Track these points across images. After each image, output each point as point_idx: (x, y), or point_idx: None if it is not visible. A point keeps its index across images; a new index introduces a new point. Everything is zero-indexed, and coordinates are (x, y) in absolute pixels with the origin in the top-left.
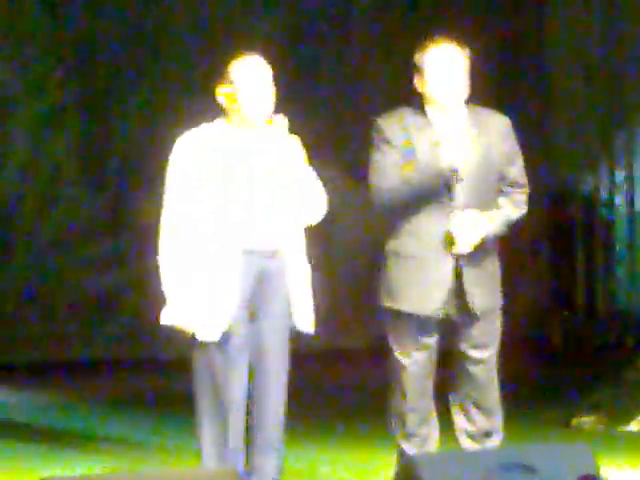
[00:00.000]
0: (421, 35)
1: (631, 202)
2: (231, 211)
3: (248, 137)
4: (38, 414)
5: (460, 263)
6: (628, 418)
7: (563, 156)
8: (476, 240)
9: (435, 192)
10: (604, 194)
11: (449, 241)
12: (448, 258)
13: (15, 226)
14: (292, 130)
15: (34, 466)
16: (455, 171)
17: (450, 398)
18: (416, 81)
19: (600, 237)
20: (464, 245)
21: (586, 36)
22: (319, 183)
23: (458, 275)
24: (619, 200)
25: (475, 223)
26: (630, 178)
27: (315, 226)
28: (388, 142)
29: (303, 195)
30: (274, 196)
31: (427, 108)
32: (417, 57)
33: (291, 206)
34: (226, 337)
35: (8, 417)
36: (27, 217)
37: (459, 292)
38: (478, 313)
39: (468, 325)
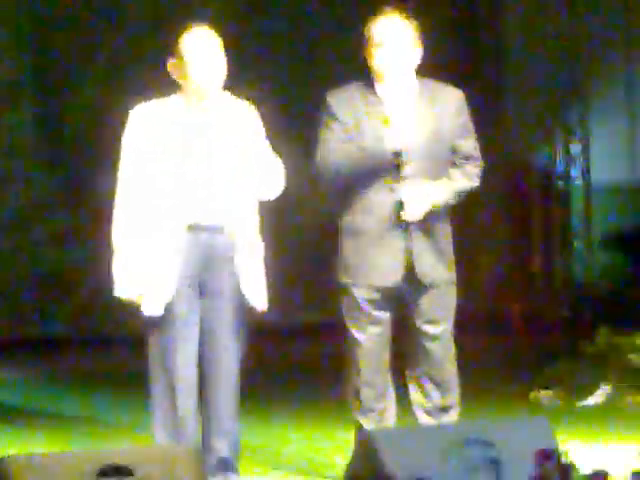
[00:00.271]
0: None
1: (587, 174)
2: (176, 185)
3: (200, 109)
4: None
5: (411, 236)
6: (586, 392)
7: (519, 129)
8: (425, 208)
9: (379, 170)
10: (560, 166)
11: (399, 210)
12: (399, 231)
13: None
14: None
15: None
16: (398, 155)
17: (407, 373)
18: (366, 54)
19: (556, 210)
20: (414, 213)
21: (542, 10)
22: (276, 157)
23: (409, 248)
24: (575, 172)
25: (424, 191)
26: (586, 150)
27: (271, 202)
28: (335, 118)
29: (259, 169)
30: (223, 170)
31: (377, 84)
32: (366, 29)
33: (244, 180)
34: (169, 311)
35: None
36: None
37: (410, 264)
38: (427, 284)
39: (420, 298)
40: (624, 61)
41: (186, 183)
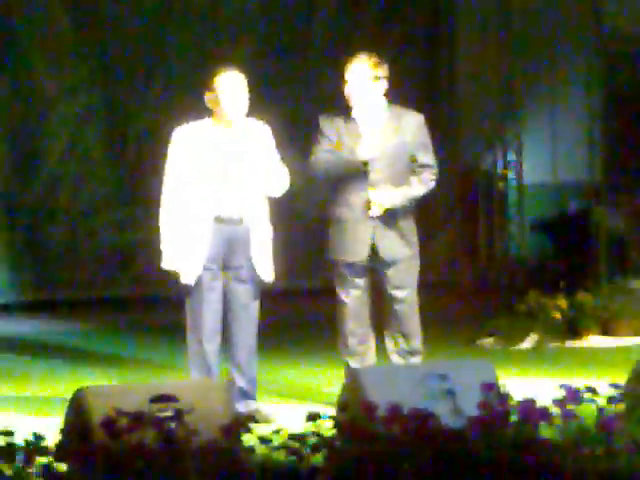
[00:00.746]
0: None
1: (520, 177)
2: (206, 188)
3: (226, 132)
4: (73, 339)
5: (376, 226)
6: (519, 340)
7: (470, 143)
8: (386, 206)
9: (353, 175)
10: (499, 170)
11: (367, 207)
12: (368, 223)
13: (57, 199)
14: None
15: (69, 377)
16: (366, 164)
17: (383, 327)
18: (346, 92)
19: (497, 203)
20: (377, 210)
21: (486, 55)
22: (284, 166)
23: (373, 234)
24: (511, 175)
25: (385, 195)
26: (519, 159)
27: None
28: (322, 134)
29: (269, 175)
30: (242, 177)
31: (354, 109)
32: (344, 70)
33: (257, 184)
34: (198, 281)
35: (54, 341)
36: (66, 192)
37: (374, 246)
38: (390, 261)
39: (388, 270)
40: (548, 93)
41: (214, 187)
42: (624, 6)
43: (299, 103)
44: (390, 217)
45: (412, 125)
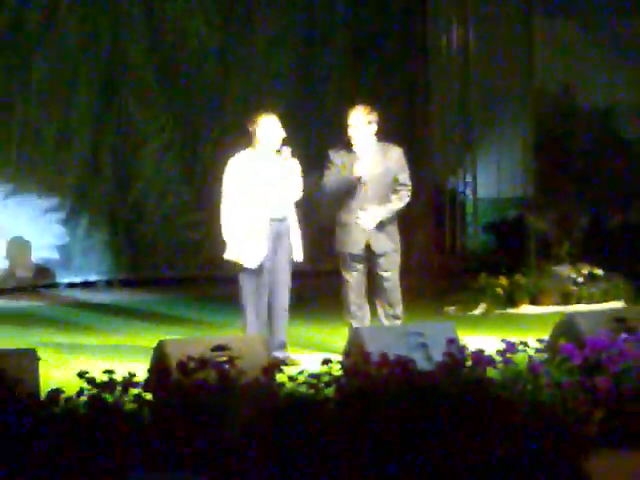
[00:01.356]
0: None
1: (474, 192)
2: (260, 198)
3: (267, 158)
4: (157, 306)
5: (370, 232)
6: (473, 307)
7: (438, 167)
8: (375, 221)
9: (353, 191)
10: (460, 187)
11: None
12: (360, 228)
13: (146, 205)
14: (293, 155)
15: (154, 332)
16: (360, 179)
17: (375, 299)
18: (349, 132)
19: (458, 211)
20: (368, 225)
21: (451, 93)
22: (300, 182)
23: (367, 234)
24: (468, 191)
25: (373, 213)
26: (474, 179)
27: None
28: (331, 162)
29: (296, 189)
30: (281, 190)
31: (354, 144)
32: (349, 118)
33: (291, 195)
34: (260, 265)
35: (144, 307)
36: (153, 200)
37: (368, 242)
38: (379, 253)
39: (378, 259)
40: (495, 131)
41: (265, 197)
42: (551, 66)
43: (318, 138)
44: (379, 227)
45: (394, 155)
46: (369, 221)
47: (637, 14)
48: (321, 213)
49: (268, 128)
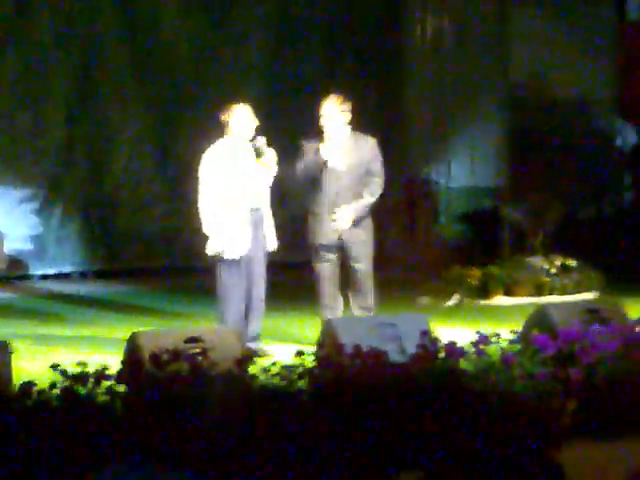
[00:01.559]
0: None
1: (449, 183)
2: (236, 189)
3: (241, 148)
4: (132, 297)
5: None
6: (446, 298)
7: (413, 159)
8: (350, 222)
9: (320, 180)
10: (434, 178)
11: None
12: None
13: (121, 196)
14: (268, 144)
15: (128, 324)
16: (325, 162)
17: (348, 291)
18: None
19: (432, 202)
20: (342, 225)
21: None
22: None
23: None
24: (442, 182)
25: (347, 212)
26: (447, 169)
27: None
28: (304, 151)
29: (270, 177)
30: (258, 179)
31: (327, 134)
32: (320, 106)
33: (265, 183)
34: (241, 257)
35: (118, 299)
36: (127, 191)
37: (339, 234)
38: (351, 243)
39: (350, 250)
40: (469, 125)
41: (242, 186)
42: (524, 58)
43: (292, 129)
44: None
45: (369, 145)
46: (343, 221)
47: (608, 3)
48: (293, 202)
49: (241, 117)
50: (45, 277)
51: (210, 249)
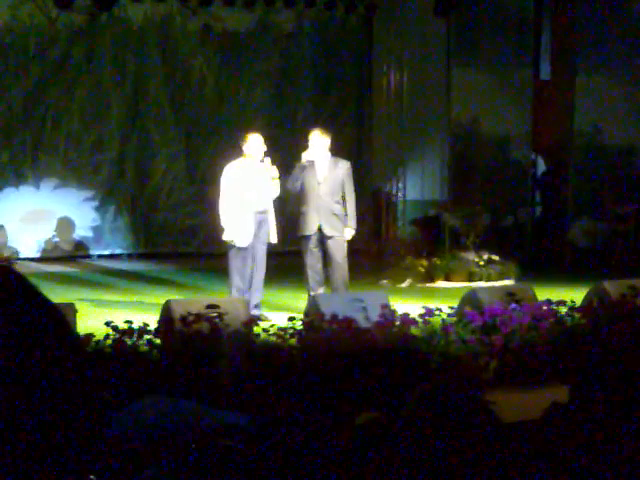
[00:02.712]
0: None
1: (405, 196)
2: (247, 195)
3: (253, 165)
4: (166, 274)
5: (322, 218)
6: (400, 281)
7: (379, 177)
8: (352, 234)
9: (312, 190)
10: (394, 191)
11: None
12: (316, 215)
13: (158, 198)
14: (272, 163)
15: (163, 293)
16: (319, 183)
17: (327, 273)
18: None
19: (392, 209)
20: (349, 237)
21: (389, 128)
22: (277, 183)
23: (320, 222)
24: (400, 195)
25: (351, 231)
26: (404, 185)
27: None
28: (295, 170)
29: (274, 189)
30: (264, 189)
31: (314, 157)
32: (310, 137)
33: (270, 192)
34: (247, 245)
35: (155, 275)
36: (165, 194)
37: (320, 228)
38: (330, 236)
39: (329, 242)
40: (420, 150)
41: (251, 195)
42: (463, 103)
43: (290, 153)
44: (330, 214)
45: (343, 166)
46: (350, 235)
47: (527, 66)
48: (288, 207)
49: (254, 143)
50: (101, 257)
51: (225, 238)
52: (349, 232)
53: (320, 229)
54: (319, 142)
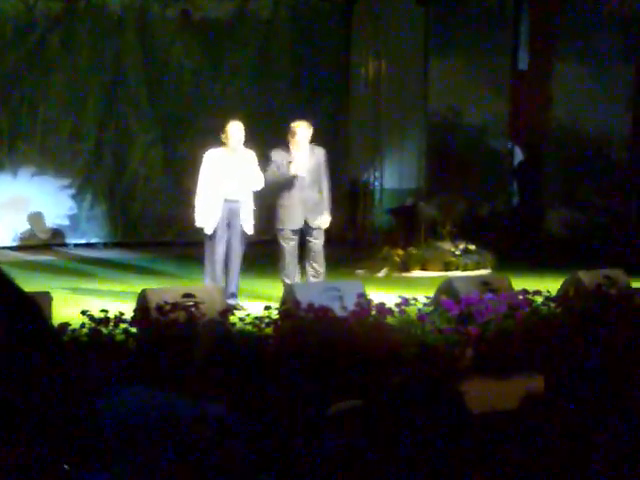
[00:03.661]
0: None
1: (381, 185)
2: (222, 184)
3: (232, 155)
4: (143, 262)
5: (306, 209)
6: (377, 271)
7: (354, 163)
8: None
9: (290, 182)
10: (371, 180)
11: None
12: (301, 208)
13: (136, 186)
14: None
15: (139, 282)
16: (295, 177)
17: (305, 262)
18: (289, 138)
19: (369, 198)
20: (326, 224)
21: (367, 119)
22: (261, 174)
23: (305, 213)
24: (377, 184)
25: (327, 217)
26: (381, 174)
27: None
28: (273, 161)
29: (254, 179)
30: (240, 178)
31: (291, 147)
32: (291, 128)
33: (248, 183)
34: (216, 231)
35: (132, 263)
36: (141, 182)
37: (306, 219)
38: (314, 227)
39: (311, 231)
40: (398, 140)
41: (226, 183)
42: (440, 97)
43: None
44: (314, 205)
45: (321, 154)
46: (327, 222)
47: (505, 56)
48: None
49: (234, 132)
50: (77, 245)
51: (196, 224)
52: (327, 219)
53: (306, 221)
54: (305, 135)
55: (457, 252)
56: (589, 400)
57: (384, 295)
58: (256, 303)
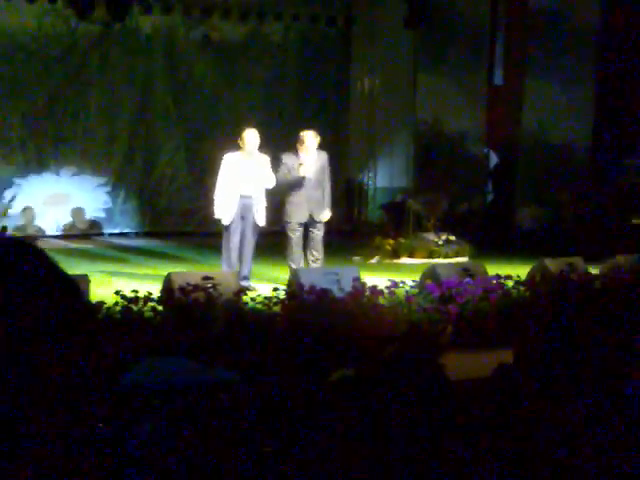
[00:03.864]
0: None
1: (375, 184)
2: (238, 183)
3: (247, 158)
4: (169, 249)
5: (310, 205)
6: (370, 258)
7: (351, 165)
8: (330, 214)
9: (299, 182)
10: (365, 180)
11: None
12: (307, 204)
13: (162, 184)
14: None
15: (165, 266)
16: (304, 178)
17: (307, 250)
18: (299, 144)
19: (364, 195)
20: (326, 217)
21: (361, 124)
22: (272, 175)
23: (310, 208)
24: (371, 183)
25: (328, 212)
26: (374, 175)
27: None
28: (284, 163)
29: (266, 179)
30: (255, 178)
31: (300, 152)
32: (300, 136)
33: (261, 182)
34: (232, 223)
35: (159, 250)
36: (167, 180)
37: (311, 213)
38: (316, 220)
39: (315, 223)
40: (389, 145)
41: (242, 182)
42: (426, 108)
43: (275, 147)
44: (318, 202)
45: (323, 157)
46: (327, 215)
47: (482, 72)
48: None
49: (250, 138)
50: (112, 235)
51: (215, 216)
52: (328, 213)
53: (311, 215)
54: (313, 142)
55: (440, 242)
56: (552, 368)
57: (376, 279)
58: (266, 285)
